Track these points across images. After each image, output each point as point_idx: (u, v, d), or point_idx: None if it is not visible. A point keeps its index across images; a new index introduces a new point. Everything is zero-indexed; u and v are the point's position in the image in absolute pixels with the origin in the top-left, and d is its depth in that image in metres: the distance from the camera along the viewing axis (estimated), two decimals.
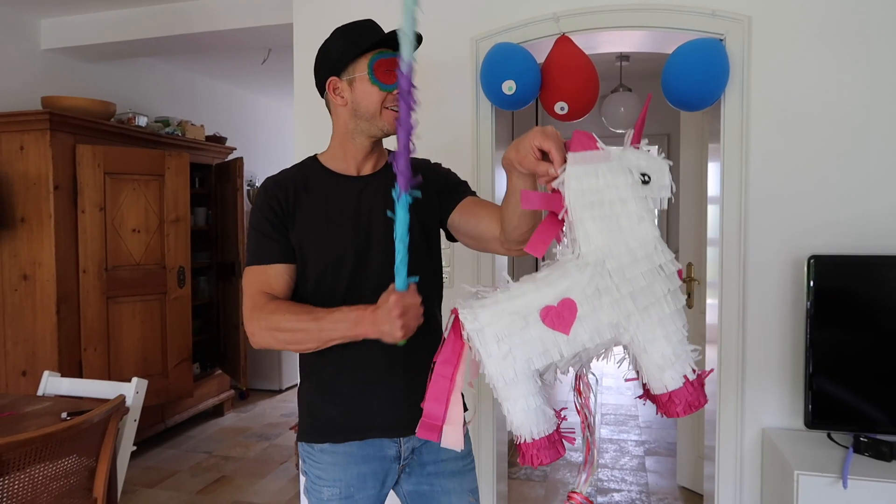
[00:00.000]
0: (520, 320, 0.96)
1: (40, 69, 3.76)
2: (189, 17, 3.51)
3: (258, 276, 1.33)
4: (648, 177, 0.94)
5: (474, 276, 2.49)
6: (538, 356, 0.96)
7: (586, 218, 0.94)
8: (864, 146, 2.21)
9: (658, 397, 0.97)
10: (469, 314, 0.99)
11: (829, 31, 2.22)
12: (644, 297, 0.94)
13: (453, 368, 1.01)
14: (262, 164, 5.78)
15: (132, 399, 2.13)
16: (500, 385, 0.97)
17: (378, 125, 1.37)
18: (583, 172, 0.94)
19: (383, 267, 1.35)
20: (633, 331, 0.95)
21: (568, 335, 0.95)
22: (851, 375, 2.12)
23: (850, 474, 1.87)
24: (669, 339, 0.95)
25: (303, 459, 1.44)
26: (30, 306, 3.37)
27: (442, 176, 1.49)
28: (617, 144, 1.01)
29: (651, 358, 0.95)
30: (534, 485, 3.42)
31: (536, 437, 0.98)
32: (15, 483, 1.62)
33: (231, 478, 3.57)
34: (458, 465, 1.45)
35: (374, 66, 1.33)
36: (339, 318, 1.22)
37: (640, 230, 0.94)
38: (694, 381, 0.95)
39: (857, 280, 2.14)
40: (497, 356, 0.96)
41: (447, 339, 1.02)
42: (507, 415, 0.99)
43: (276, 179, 1.41)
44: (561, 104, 2.32)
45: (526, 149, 1.03)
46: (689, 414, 0.95)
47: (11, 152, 3.32)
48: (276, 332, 1.26)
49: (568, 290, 0.95)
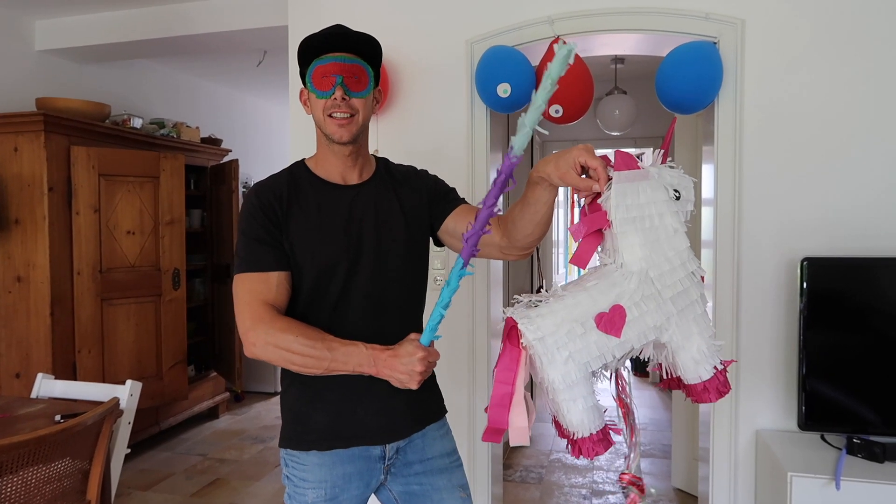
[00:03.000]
0: (578, 327, 1.06)
1: (35, 70, 3.75)
2: (184, 19, 3.51)
3: (257, 285, 1.29)
4: (679, 193, 1.07)
5: (470, 281, 2.50)
6: (595, 359, 1.07)
7: (629, 231, 1.06)
8: (857, 148, 2.22)
9: (692, 387, 1.11)
10: (529, 324, 1.07)
11: (822, 34, 2.23)
12: (681, 301, 1.07)
13: (513, 375, 1.09)
14: (257, 166, 5.77)
15: (126, 401, 2.12)
16: (562, 388, 1.07)
17: (326, 132, 1.35)
18: (627, 190, 1.05)
19: (374, 277, 1.36)
20: (672, 330, 1.08)
21: (619, 338, 1.06)
22: (845, 377, 2.13)
23: (844, 476, 1.88)
24: (703, 335, 1.09)
25: (285, 464, 1.42)
26: (24, 308, 3.35)
27: (430, 183, 1.49)
28: (612, 147, 1.06)
29: (688, 353, 1.09)
30: (529, 487, 3.42)
31: (594, 431, 1.08)
32: (8, 486, 1.62)
33: (226, 480, 3.56)
34: (444, 462, 1.46)
35: (312, 74, 1.32)
36: (353, 353, 1.23)
37: (676, 241, 1.07)
38: (721, 370, 1.10)
39: (851, 282, 2.15)
40: (559, 362, 1.06)
41: (504, 348, 1.10)
42: (565, 414, 1.08)
43: (267, 185, 1.38)
44: (556, 107, 2.33)
45: (568, 164, 1.08)
46: (719, 399, 1.11)
47: (5, 154, 3.31)
48: (284, 351, 1.23)
49: (618, 298, 1.06)
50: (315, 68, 1.31)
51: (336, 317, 1.35)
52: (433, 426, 1.47)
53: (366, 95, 1.34)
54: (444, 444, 1.48)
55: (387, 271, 1.37)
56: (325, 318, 1.34)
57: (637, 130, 4.92)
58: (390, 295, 1.38)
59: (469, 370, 2.55)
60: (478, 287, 2.54)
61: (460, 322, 2.55)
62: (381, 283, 1.37)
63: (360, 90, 1.32)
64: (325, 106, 1.32)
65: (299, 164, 1.44)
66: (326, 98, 1.31)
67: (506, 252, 1.38)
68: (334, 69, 1.30)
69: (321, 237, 1.34)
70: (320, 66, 1.31)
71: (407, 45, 2.56)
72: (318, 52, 1.31)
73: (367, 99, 1.35)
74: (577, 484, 3.42)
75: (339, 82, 1.29)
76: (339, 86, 1.29)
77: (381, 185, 1.44)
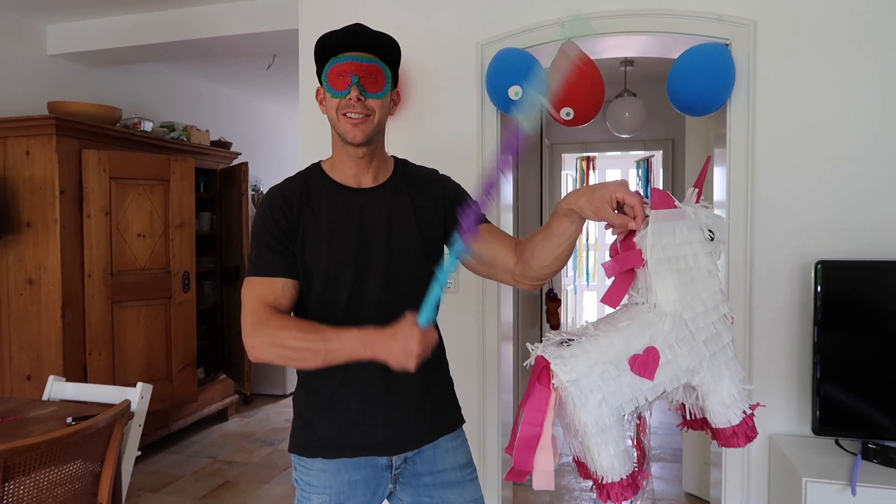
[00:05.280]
0: (613, 370, 1.03)
1: (46, 74, 3.78)
2: (195, 23, 3.52)
3: (263, 289, 1.29)
4: (714, 234, 1.06)
5: (480, 284, 2.49)
6: (628, 402, 1.04)
7: (664, 271, 1.04)
8: (870, 150, 2.20)
9: (720, 431, 1.09)
10: (563, 365, 1.03)
11: (836, 35, 2.21)
12: (714, 344, 1.06)
13: (542, 416, 1.05)
14: (266, 169, 5.79)
15: (137, 404, 2.12)
16: (594, 431, 1.03)
17: (340, 131, 1.33)
18: (664, 229, 1.04)
19: (383, 284, 1.34)
20: (703, 374, 1.06)
21: (653, 381, 1.04)
22: (859, 381, 2.11)
23: (859, 481, 1.86)
24: (733, 379, 1.07)
25: (294, 468, 1.42)
26: (35, 311, 3.37)
27: (450, 193, 1.44)
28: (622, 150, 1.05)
29: (718, 397, 1.07)
30: (539, 490, 3.40)
31: (624, 476, 1.05)
32: (20, 488, 1.62)
33: (235, 483, 3.56)
34: (456, 475, 1.43)
35: (328, 73, 1.31)
36: (347, 339, 1.19)
37: (710, 282, 1.06)
38: (750, 415, 1.08)
39: (865, 285, 2.12)
40: (593, 404, 1.03)
41: (534, 387, 1.06)
42: (595, 458, 1.05)
43: (280, 189, 1.38)
44: (567, 109, 2.32)
45: (604, 199, 1.07)
46: (747, 445, 1.09)
47: (17, 157, 3.33)
48: (282, 349, 1.22)
49: (652, 340, 1.04)
50: (331, 67, 1.30)
51: (345, 324, 1.32)
52: (446, 437, 1.44)
53: (382, 97, 1.31)
54: (458, 457, 1.45)
55: (397, 279, 1.35)
56: (335, 325, 1.33)
57: (646, 133, 4.91)
58: (401, 304, 1.34)
59: (479, 373, 2.53)
60: (488, 289, 2.53)
61: (470, 325, 2.54)
62: (391, 292, 1.34)
63: (376, 91, 1.30)
64: (340, 105, 1.30)
65: (315, 166, 1.43)
66: (341, 97, 1.29)
67: (518, 280, 1.34)
68: (351, 68, 1.28)
69: (330, 243, 1.32)
70: (337, 64, 1.29)
71: (417, 48, 2.56)
72: (336, 51, 1.30)
73: (383, 100, 1.32)
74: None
75: (354, 82, 1.27)
76: (354, 86, 1.27)
77: (395, 190, 1.40)
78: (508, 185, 2.72)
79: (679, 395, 1.10)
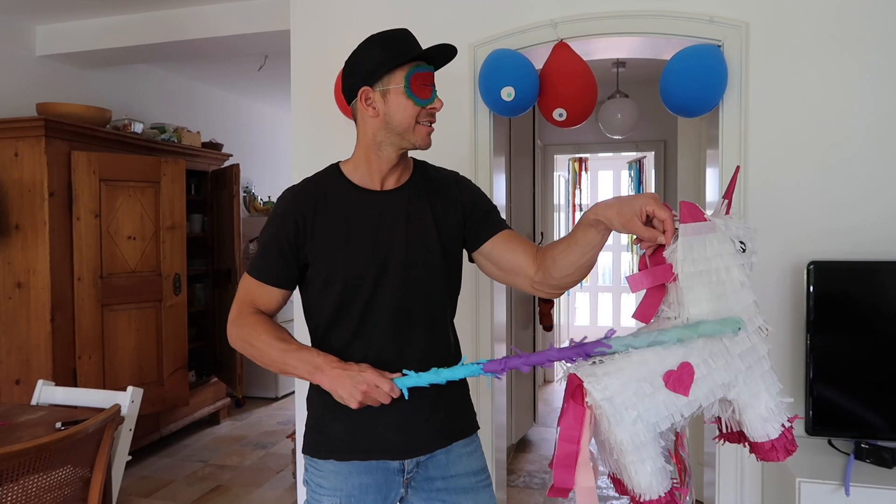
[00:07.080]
0: (647, 387, 1.03)
1: (36, 75, 3.74)
2: (185, 24, 3.50)
3: (254, 288, 1.37)
4: (745, 245, 1.04)
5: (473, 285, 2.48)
6: (663, 419, 1.03)
7: (695, 285, 1.03)
8: (863, 151, 2.21)
9: (759, 445, 1.07)
10: (596, 383, 1.03)
11: (828, 36, 2.22)
12: (749, 357, 1.04)
13: (578, 435, 1.05)
14: (258, 170, 5.77)
15: (127, 408, 2.10)
16: (630, 449, 1.02)
17: (409, 139, 1.34)
18: (694, 243, 1.02)
19: (401, 289, 1.34)
20: (739, 387, 1.04)
21: (688, 397, 1.02)
22: (852, 381, 2.12)
23: (852, 481, 1.86)
24: (770, 392, 1.05)
25: (305, 469, 1.42)
26: (24, 314, 3.34)
27: (470, 197, 1.45)
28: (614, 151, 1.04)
29: (756, 411, 1.05)
30: (532, 492, 3.40)
31: (662, 494, 1.04)
32: (9, 494, 1.60)
33: (227, 487, 3.53)
34: (469, 481, 1.42)
35: (411, 79, 1.30)
36: (302, 359, 1.26)
37: (743, 295, 1.04)
38: (788, 429, 1.07)
39: (858, 286, 2.13)
40: (628, 422, 1.02)
41: (568, 406, 1.06)
42: (632, 476, 1.04)
43: (296, 193, 1.38)
44: (559, 110, 2.32)
45: (633, 212, 1.06)
46: (787, 458, 1.07)
47: (6, 159, 3.30)
48: (249, 346, 1.32)
49: (685, 355, 1.03)
50: (415, 73, 1.30)
51: (362, 329, 1.34)
52: (460, 443, 1.43)
53: None
54: (471, 463, 1.44)
55: (415, 283, 1.34)
56: (352, 330, 1.33)
57: (639, 134, 4.92)
58: (418, 309, 1.35)
59: None
60: (481, 291, 2.52)
61: (463, 326, 2.52)
62: (408, 296, 1.34)
63: None
64: (421, 113, 1.32)
65: (334, 168, 1.42)
66: (424, 106, 1.32)
67: (537, 287, 1.34)
68: (431, 79, 1.33)
69: (348, 247, 1.33)
70: (419, 73, 1.31)
71: None
72: (416, 59, 1.32)
73: None
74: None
75: (436, 93, 1.34)
76: (437, 97, 1.34)
77: (413, 192, 1.40)
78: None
79: (715, 410, 1.08)
